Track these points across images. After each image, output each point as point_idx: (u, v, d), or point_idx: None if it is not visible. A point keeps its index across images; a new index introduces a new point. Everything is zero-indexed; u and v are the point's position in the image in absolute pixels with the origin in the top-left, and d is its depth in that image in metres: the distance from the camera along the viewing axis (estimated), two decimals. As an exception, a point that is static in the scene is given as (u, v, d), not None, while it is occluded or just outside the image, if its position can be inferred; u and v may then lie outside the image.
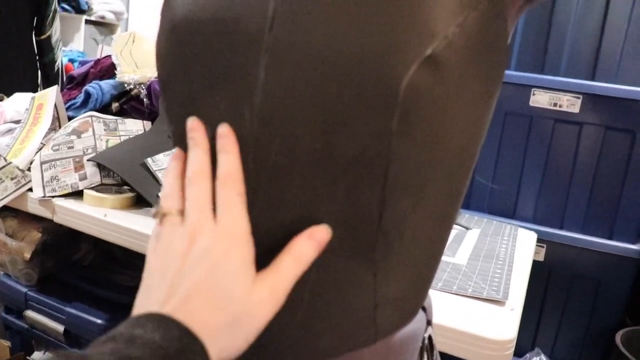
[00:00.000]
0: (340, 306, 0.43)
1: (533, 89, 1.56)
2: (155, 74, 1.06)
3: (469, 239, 1.24)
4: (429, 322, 0.52)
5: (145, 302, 0.39)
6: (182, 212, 0.41)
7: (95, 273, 1.36)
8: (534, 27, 1.58)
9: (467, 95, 0.39)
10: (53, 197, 1.15)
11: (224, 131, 0.41)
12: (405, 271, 0.44)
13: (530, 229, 1.52)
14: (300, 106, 0.38)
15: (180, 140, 0.45)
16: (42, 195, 1.14)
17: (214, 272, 0.37)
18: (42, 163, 1.17)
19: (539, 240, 1.59)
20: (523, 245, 1.28)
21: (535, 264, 1.62)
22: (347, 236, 0.40)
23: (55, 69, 2.32)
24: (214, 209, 0.40)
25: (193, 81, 0.42)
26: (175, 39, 0.43)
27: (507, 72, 1.59)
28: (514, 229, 1.40)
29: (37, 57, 2.28)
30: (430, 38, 0.36)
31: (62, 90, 1.54)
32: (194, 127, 0.43)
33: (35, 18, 2.23)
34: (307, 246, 0.40)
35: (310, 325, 0.43)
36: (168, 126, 0.46)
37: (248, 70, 0.40)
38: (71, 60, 4.10)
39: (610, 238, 1.57)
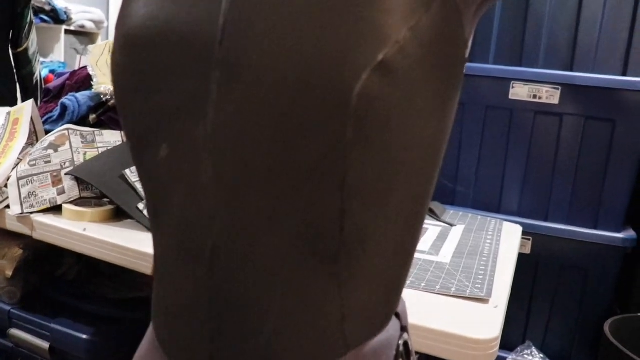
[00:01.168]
0: (306, 319, 0.42)
1: (512, 82, 1.56)
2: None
3: (453, 236, 1.24)
4: (403, 329, 0.51)
5: None
6: None
7: (80, 287, 1.35)
8: (510, 20, 1.58)
9: (424, 99, 0.38)
10: (31, 213, 1.13)
11: None
12: (372, 281, 0.43)
13: (516, 222, 1.52)
14: (252, 118, 0.38)
15: (137, 156, 0.44)
16: (20, 212, 1.12)
17: None
18: (19, 179, 1.15)
19: (524, 233, 1.59)
20: (508, 239, 1.28)
21: (522, 257, 1.62)
22: (309, 249, 0.40)
23: (34, 81, 2.30)
24: None
25: (147, 96, 0.42)
26: (128, 53, 0.42)
27: (485, 65, 1.59)
28: (499, 223, 1.40)
29: (15, 70, 2.26)
30: (382, 44, 0.35)
31: (40, 103, 1.52)
32: None
33: (11, 31, 2.21)
34: None
35: (277, 340, 0.42)
36: (126, 142, 0.46)
37: (200, 84, 0.39)
38: (52, 71, 4.07)
39: (595, 227, 1.58)
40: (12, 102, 2.21)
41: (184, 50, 0.40)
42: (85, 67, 1.46)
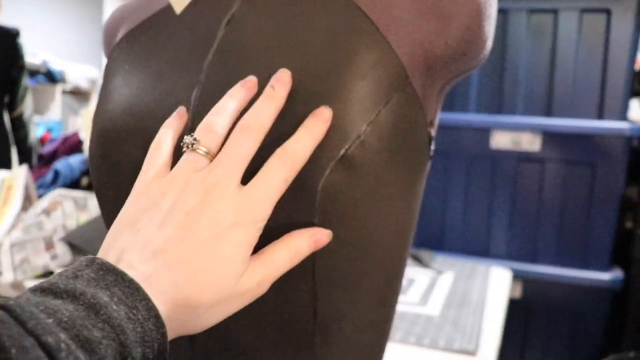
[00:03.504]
0: None
1: (493, 131, 1.60)
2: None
3: (442, 285, 1.26)
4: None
5: (123, 239, 0.34)
6: (214, 157, 0.37)
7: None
8: (489, 70, 1.63)
9: (387, 189, 0.39)
10: (24, 280, 1.15)
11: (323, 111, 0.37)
12: (350, 355, 0.44)
13: (505, 266, 1.53)
14: None
15: None
16: (13, 279, 1.14)
17: (214, 248, 0.33)
18: (12, 246, 1.17)
19: (514, 277, 1.61)
20: (497, 286, 1.30)
21: (514, 302, 1.64)
22: (285, 333, 0.41)
23: (28, 144, 2.34)
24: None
25: (123, 189, 0.44)
26: (103, 148, 0.45)
27: (466, 116, 1.63)
28: (488, 269, 1.42)
29: (11, 133, 2.31)
30: (342, 140, 0.37)
31: (35, 165, 1.56)
32: (282, 79, 0.37)
33: (7, 96, 2.27)
34: (305, 245, 0.37)
35: None
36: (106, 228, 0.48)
37: None
38: (49, 130, 4.12)
39: (584, 268, 1.59)
40: (7, 164, 2.25)
41: None
42: (76, 133, 1.50)
